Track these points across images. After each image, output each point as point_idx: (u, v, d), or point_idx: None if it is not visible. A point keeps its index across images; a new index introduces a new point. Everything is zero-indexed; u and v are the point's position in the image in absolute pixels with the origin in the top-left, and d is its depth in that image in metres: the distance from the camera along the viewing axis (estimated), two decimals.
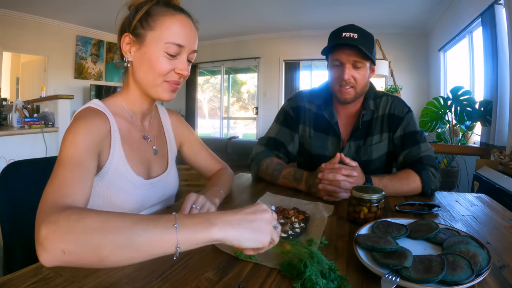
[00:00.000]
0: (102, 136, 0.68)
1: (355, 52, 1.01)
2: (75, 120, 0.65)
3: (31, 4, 4.36)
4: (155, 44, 0.69)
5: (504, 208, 0.91)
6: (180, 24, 0.70)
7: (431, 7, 4.11)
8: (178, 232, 0.43)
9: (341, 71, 1.05)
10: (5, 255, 0.81)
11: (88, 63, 5.75)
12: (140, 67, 0.72)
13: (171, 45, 0.69)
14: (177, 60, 0.71)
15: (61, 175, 0.54)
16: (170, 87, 0.73)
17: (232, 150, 4.19)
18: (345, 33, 1.02)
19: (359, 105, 1.16)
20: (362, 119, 1.14)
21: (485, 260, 0.52)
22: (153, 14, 0.69)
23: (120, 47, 0.73)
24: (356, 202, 0.77)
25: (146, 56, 0.70)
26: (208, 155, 1.02)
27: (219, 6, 4.51)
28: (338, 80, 1.06)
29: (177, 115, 0.99)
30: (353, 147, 1.16)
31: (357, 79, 1.05)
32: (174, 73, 0.71)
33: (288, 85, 5.94)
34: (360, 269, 0.54)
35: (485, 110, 2.72)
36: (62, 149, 0.59)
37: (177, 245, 0.43)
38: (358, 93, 1.09)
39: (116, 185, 0.72)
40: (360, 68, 1.04)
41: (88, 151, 0.61)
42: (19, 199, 0.84)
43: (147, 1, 0.71)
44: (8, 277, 0.49)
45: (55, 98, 3.38)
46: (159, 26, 0.69)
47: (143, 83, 0.73)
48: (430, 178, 1.00)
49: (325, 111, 1.17)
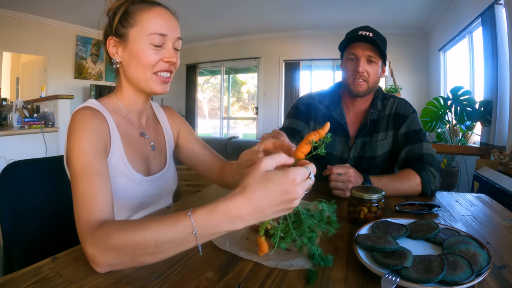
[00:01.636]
0: (103, 134, 0.69)
1: (370, 47, 1.09)
2: (75, 124, 0.66)
3: (31, 4, 4.36)
4: (138, 39, 0.71)
5: (504, 208, 0.91)
6: (158, 15, 0.72)
7: (431, 7, 4.11)
8: (198, 237, 0.47)
9: (356, 64, 1.12)
10: (5, 255, 0.81)
11: (88, 63, 5.75)
12: (129, 65, 0.73)
13: (154, 36, 0.70)
14: (163, 50, 0.73)
15: (82, 190, 0.58)
16: (161, 79, 0.74)
17: (232, 150, 4.18)
18: (361, 31, 1.10)
19: (368, 104, 1.21)
20: (370, 117, 1.18)
21: (485, 260, 0.52)
22: (131, 12, 0.72)
23: (108, 52, 0.75)
24: (356, 202, 0.77)
25: (132, 52, 0.72)
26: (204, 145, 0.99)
27: (219, 6, 4.51)
28: (353, 73, 1.12)
29: (171, 110, 1.00)
30: (359, 143, 1.20)
31: (370, 74, 1.12)
32: (163, 62, 0.73)
33: (288, 85, 5.93)
34: (360, 269, 0.54)
35: (485, 110, 2.72)
36: (73, 161, 0.62)
37: (198, 245, 0.48)
38: (370, 88, 1.14)
39: (116, 182, 0.73)
40: (373, 63, 1.12)
41: (97, 155, 0.64)
42: (19, 199, 0.84)
43: (123, 2, 0.73)
44: (8, 277, 0.49)
45: (55, 98, 3.38)
46: (139, 22, 0.71)
47: (135, 79, 0.75)
48: (430, 178, 1.00)
49: (334, 112, 1.21)
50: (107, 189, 0.61)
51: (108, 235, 0.50)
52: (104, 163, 0.65)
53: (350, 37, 1.12)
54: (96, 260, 0.50)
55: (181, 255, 0.58)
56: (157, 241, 0.47)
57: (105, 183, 0.61)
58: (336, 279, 0.51)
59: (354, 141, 1.20)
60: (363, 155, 1.18)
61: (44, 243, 0.85)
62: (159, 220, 0.49)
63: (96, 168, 0.61)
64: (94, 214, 0.55)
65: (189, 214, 0.47)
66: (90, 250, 0.50)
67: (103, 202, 0.58)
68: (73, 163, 0.62)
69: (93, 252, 0.50)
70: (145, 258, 0.49)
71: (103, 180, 0.61)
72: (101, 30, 0.79)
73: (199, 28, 5.51)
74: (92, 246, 0.50)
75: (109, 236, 0.50)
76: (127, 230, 0.49)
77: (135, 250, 0.48)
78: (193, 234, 0.47)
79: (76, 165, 0.61)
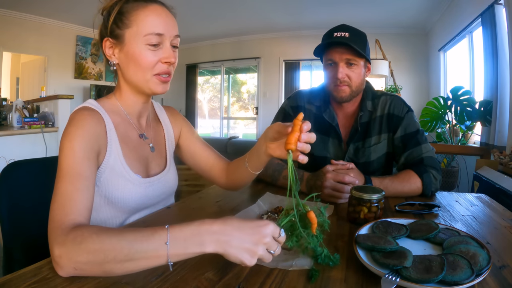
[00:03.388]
0: (98, 136, 0.68)
1: (347, 50, 1.03)
2: (70, 125, 0.65)
3: (31, 4, 4.36)
4: (135, 40, 0.69)
5: (504, 208, 0.91)
6: (154, 14, 0.70)
7: (431, 7, 4.11)
8: (169, 249, 0.48)
9: (335, 70, 1.06)
10: (5, 255, 0.81)
11: (88, 63, 5.75)
12: (127, 66, 0.72)
13: (151, 36, 0.68)
14: (161, 50, 0.70)
15: (63, 190, 0.57)
16: (161, 80, 0.73)
17: (232, 150, 4.18)
18: (336, 33, 1.04)
19: (356, 106, 1.17)
20: (360, 121, 1.14)
21: (485, 260, 0.52)
22: (125, 12, 0.70)
23: (104, 54, 0.74)
24: (356, 202, 0.77)
25: (129, 54, 0.70)
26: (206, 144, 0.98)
27: (220, 6, 4.51)
28: (333, 80, 1.08)
29: (173, 110, 0.98)
30: (352, 149, 1.15)
31: (352, 77, 1.06)
32: (161, 63, 0.71)
33: (288, 85, 5.93)
34: (360, 269, 0.54)
35: (485, 110, 2.72)
36: (61, 159, 0.61)
37: (168, 260, 0.48)
38: (354, 91, 1.09)
39: (114, 183, 0.72)
40: (353, 65, 1.06)
41: (86, 157, 0.62)
42: (19, 199, 0.84)
43: (117, 1, 0.71)
44: (8, 277, 0.49)
45: (55, 98, 3.38)
46: (134, 22, 0.69)
47: (134, 81, 0.73)
48: (431, 180, 1.00)
49: (325, 113, 1.17)
50: (88, 194, 0.60)
51: (84, 237, 0.49)
52: (91, 167, 0.63)
53: (326, 43, 1.06)
54: (61, 262, 0.48)
55: None
56: (130, 248, 0.48)
57: (87, 188, 0.60)
58: (336, 279, 0.51)
59: (347, 145, 1.16)
60: (357, 161, 1.13)
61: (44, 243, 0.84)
62: (138, 229, 0.51)
63: (81, 171, 0.60)
64: (70, 216, 0.54)
65: (167, 227, 0.49)
66: (57, 251, 0.49)
67: (82, 206, 0.57)
68: (61, 162, 0.61)
69: (61, 253, 0.48)
70: (113, 266, 0.48)
71: (86, 184, 0.60)
72: (96, 30, 0.78)
73: (199, 28, 5.51)
74: (62, 247, 0.49)
75: (85, 238, 0.49)
76: (105, 234, 0.49)
77: (106, 256, 0.47)
78: (165, 245, 0.48)
79: (63, 165, 0.60)
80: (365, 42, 1.06)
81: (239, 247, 0.49)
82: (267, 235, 0.50)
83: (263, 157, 0.72)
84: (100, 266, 0.48)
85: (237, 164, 0.86)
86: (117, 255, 0.47)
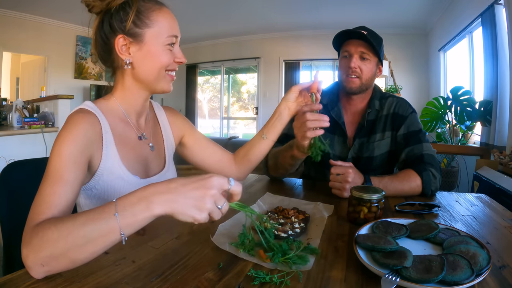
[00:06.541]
0: (90, 140, 0.66)
1: (363, 43, 1.11)
2: (63, 127, 0.65)
3: (31, 4, 4.36)
4: (156, 40, 0.71)
5: (504, 208, 0.91)
6: (170, 17, 0.74)
7: (431, 7, 4.11)
8: (119, 220, 0.47)
9: (349, 61, 1.13)
10: (5, 255, 0.81)
11: (88, 63, 5.75)
12: (143, 64, 0.72)
13: (171, 38, 0.72)
14: (174, 50, 0.74)
15: (42, 192, 0.57)
16: (171, 78, 0.76)
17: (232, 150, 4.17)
18: (356, 29, 1.12)
19: (365, 103, 1.22)
20: (368, 118, 1.18)
21: (485, 260, 0.52)
22: (142, 11, 0.70)
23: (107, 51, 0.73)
24: (356, 202, 0.77)
25: (150, 53, 0.71)
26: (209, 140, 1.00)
27: (220, 6, 4.51)
28: (346, 69, 1.14)
29: (172, 110, 0.98)
30: (357, 144, 1.19)
31: (363, 70, 1.13)
32: (174, 62, 0.75)
33: (288, 85, 5.93)
34: (360, 269, 0.54)
35: (485, 110, 2.72)
36: (49, 161, 0.61)
37: (121, 232, 0.47)
38: (363, 84, 1.15)
39: (112, 186, 0.72)
40: (366, 60, 1.12)
41: (72, 161, 0.61)
42: (19, 199, 0.84)
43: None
44: (8, 277, 0.49)
45: (55, 98, 3.38)
46: (155, 22, 0.71)
47: (147, 79, 0.74)
48: (430, 179, 1.00)
49: (332, 111, 1.21)
50: (66, 200, 0.58)
51: (44, 230, 0.49)
52: (77, 171, 0.61)
53: (343, 33, 1.13)
54: (28, 262, 0.47)
55: (181, 255, 0.58)
56: (85, 229, 0.47)
57: (65, 193, 0.58)
58: (336, 279, 0.51)
59: (352, 142, 1.20)
60: (361, 155, 1.18)
61: None
62: (90, 210, 0.51)
63: (65, 177, 0.59)
64: (41, 216, 0.53)
65: (115, 200, 0.49)
66: (24, 250, 0.48)
67: (56, 211, 0.55)
68: (49, 163, 0.60)
69: (27, 252, 0.48)
70: (76, 252, 0.47)
71: (66, 190, 0.58)
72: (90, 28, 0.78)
73: (199, 28, 5.51)
74: (27, 245, 0.48)
75: (45, 230, 0.49)
76: (60, 222, 0.49)
77: (66, 242, 0.47)
78: (115, 217, 0.47)
79: (49, 167, 0.59)
80: (381, 44, 1.14)
81: (185, 204, 0.48)
82: (212, 187, 0.49)
83: (285, 118, 0.90)
84: (64, 257, 0.47)
85: (248, 146, 0.97)
86: (75, 239, 0.47)
